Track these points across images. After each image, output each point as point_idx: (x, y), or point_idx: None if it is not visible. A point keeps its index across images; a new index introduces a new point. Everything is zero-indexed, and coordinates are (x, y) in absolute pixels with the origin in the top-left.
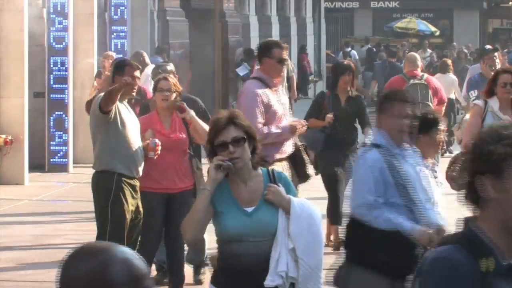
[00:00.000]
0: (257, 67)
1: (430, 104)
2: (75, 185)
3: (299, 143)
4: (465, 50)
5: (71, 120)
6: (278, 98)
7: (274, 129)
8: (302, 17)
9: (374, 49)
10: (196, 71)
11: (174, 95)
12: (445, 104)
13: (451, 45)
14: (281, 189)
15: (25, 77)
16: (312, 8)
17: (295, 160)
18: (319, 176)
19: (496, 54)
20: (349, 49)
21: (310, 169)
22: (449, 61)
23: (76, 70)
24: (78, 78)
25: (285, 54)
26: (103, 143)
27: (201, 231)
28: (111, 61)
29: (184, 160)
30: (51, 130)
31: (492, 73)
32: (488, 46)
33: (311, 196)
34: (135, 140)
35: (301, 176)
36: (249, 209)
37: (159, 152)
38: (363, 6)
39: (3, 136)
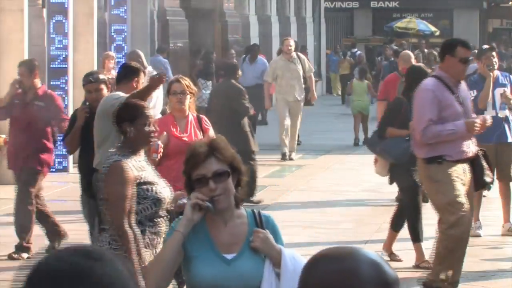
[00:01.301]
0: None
1: None
2: (75, 185)
3: (478, 149)
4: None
5: None
6: (457, 97)
7: (448, 126)
8: (302, 17)
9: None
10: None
11: (188, 97)
12: None
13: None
14: (270, 236)
15: None
16: (312, 8)
17: (473, 166)
18: (320, 177)
19: (493, 53)
20: (355, 49)
21: (488, 177)
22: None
23: (76, 70)
24: (78, 78)
25: (469, 54)
26: (114, 144)
27: (166, 281)
28: (112, 61)
29: None
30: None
31: (491, 73)
32: (485, 46)
33: (310, 199)
34: None
35: (478, 183)
36: (229, 256)
37: (161, 154)
38: (363, 6)
39: (3, 136)
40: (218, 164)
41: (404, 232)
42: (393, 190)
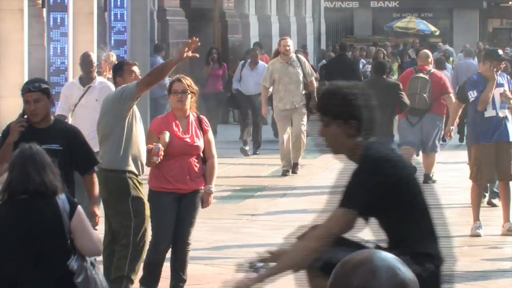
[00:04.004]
0: None
1: (426, 95)
2: None
3: None
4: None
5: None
6: None
7: None
8: (302, 16)
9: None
10: (195, 71)
11: (189, 96)
12: (451, 94)
13: (437, 46)
14: None
15: (25, 77)
16: (312, 8)
17: None
18: (320, 177)
19: (503, 62)
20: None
21: None
22: (444, 59)
23: (76, 70)
24: None
25: None
26: (118, 140)
27: None
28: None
29: (198, 162)
30: None
31: (496, 76)
32: (500, 52)
33: (310, 199)
34: (142, 137)
35: None
36: None
37: (161, 157)
38: (363, 6)
39: None
40: None
41: None
42: None
